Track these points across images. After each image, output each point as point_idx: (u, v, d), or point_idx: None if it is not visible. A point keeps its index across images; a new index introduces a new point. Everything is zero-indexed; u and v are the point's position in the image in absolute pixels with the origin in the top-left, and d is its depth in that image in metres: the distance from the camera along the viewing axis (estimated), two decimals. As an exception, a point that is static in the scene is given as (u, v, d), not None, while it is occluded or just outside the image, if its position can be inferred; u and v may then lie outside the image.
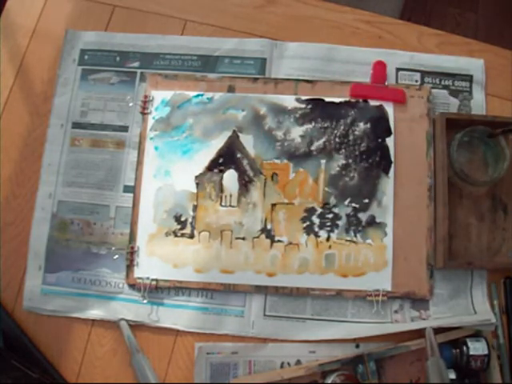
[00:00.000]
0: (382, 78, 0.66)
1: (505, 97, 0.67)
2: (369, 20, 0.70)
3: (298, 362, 0.59)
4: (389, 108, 0.65)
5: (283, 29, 0.70)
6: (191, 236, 0.62)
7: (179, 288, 0.61)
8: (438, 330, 0.57)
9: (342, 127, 0.64)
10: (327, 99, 0.65)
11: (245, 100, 0.66)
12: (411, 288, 0.60)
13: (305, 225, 0.62)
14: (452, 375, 0.56)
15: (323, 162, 0.63)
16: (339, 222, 0.62)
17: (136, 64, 0.68)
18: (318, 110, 0.65)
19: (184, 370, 0.60)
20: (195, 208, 0.63)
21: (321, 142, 0.64)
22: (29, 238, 0.63)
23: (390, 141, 0.64)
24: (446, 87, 0.67)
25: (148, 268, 0.61)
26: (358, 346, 0.59)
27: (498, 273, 0.62)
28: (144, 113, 0.66)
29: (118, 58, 0.68)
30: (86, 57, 0.69)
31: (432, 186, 0.62)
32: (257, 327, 0.60)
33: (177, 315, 0.61)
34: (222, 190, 0.63)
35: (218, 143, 0.64)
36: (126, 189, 0.64)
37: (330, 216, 0.62)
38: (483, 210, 0.63)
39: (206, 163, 0.64)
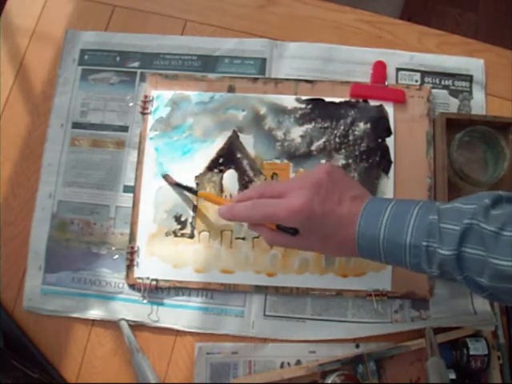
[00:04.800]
0: (382, 78, 0.66)
1: (505, 97, 0.67)
2: (369, 20, 0.70)
3: (298, 362, 0.59)
4: (389, 108, 0.65)
5: (283, 29, 0.70)
6: (191, 236, 0.62)
7: (179, 288, 0.61)
8: (438, 330, 0.57)
9: (342, 127, 0.64)
10: (327, 99, 0.65)
11: (245, 100, 0.66)
12: (411, 288, 0.60)
13: (305, 225, 0.62)
14: (452, 375, 0.56)
15: (323, 161, 0.63)
16: (339, 222, 0.62)
17: (136, 64, 0.68)
18: (318, 110, 0.65)
19: (184, 370, 0.60)
20: (195, 208, 0.63)
21: (321, 142, 0.64)
22: (29, 238, 0.63)
23: (390, 141, 0.64)
24: (445, 87, 0.67)
25: (148, 268, 0.61)
26: (358, 346, 0.59)
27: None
28: (144, 113, 0.66)
29: (118, 58, 0.68)
30: (86, 57, 0.69)
31: (432, 186, 0.62)
32: (257, 327, 0.60)
33: (177, 315, 0.61)
34: (222, 190, 0.63)
35: (218, 143, 0.64)
36: (126, 189, 0.64)
37: (330, 216, 0.62)
38: (483, 210, 0.63)
39: (206, 163, 0.64)
